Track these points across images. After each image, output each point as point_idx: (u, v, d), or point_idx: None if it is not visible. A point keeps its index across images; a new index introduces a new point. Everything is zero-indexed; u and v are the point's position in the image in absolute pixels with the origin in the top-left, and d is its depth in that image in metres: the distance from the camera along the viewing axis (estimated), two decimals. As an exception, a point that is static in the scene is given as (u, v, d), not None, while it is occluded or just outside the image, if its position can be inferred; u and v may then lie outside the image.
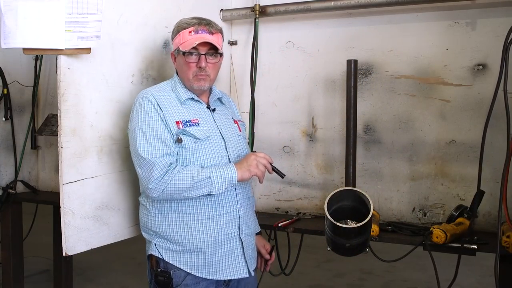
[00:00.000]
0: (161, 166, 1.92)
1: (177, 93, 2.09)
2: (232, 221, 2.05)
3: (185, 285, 2.02)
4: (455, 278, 2.26)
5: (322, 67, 2.94)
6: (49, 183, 3.62)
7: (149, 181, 1.92)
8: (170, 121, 1.99)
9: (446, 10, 2.60)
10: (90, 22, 1.95)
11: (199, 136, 2.00)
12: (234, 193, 2.06)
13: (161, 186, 1.92)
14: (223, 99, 2.26)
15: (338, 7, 2.76)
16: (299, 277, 2.57)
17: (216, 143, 2.05)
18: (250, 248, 2.15)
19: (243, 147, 2.17)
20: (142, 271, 5.24)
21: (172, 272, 2.02)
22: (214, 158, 2.02)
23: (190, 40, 2.02)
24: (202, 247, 2.00)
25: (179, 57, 2.08)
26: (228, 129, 2.15)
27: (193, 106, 2.10)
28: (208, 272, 2.03)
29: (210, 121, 2.10)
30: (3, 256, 3.67)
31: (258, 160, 2.00)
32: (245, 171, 1.97)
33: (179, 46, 2.06)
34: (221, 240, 2.03)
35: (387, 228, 2.53)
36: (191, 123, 2.01)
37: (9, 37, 1.90)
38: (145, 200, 2.10)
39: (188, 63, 2.04)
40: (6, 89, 3.36)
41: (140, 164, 1.96)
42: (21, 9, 1.90)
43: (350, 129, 2.48)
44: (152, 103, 2.00)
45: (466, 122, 2.59)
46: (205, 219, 2.01)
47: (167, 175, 1.91)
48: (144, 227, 2.14)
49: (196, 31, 2.04)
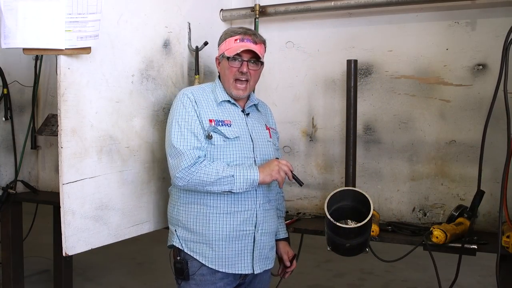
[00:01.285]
0: (190, 157, 2.04)
1: (215, 95, 2.22)
2: (249, 219, 2.14)
3: (201, 274, 2.13)
4: (456, 278, 2.26)
5: (322, 67, 2.94)
6: (49, 183, 3.63)
7: (177, 170, 2.05)
8: (204, 118, 2.13)
9: (446, 10, 2.60)
10: (89, 21, 1.95)
11: (229, 136, 2.12)
12: (254, 192, 2.15)
13: (188, 177, 2.04)
14: (259, 106, 2.37)
15: (338, 7, 2.76)
16: (299, 277, 2.57)
17: (245, 144, 2.17)
18: (264, 247, 2.21)
19: (270, 152, 2.27)
20: (142, 271, 5.27)
21: (190, 261, 2.13)
22: (240, 158, 2.13)
23: (235, 47, 2.16)
24: (217, 240, 2.11)
25: (224, 61, 2.21)
26: (259, 133, 2.26)
27: (229, 108, 2.22)
28: (220, 265, 2.12)
29: (243, 123, 2.21)
30: (3, 256, 3.67)
31: (280, 166, 2.11)
32: (266, 175, 2.08)
33: (224, 52, 2.20)
34: (235, 236, 2.12)
35: (387, 228, 2.53)
36: (223, 123, 2.14)
37: (9, 37, 1.90)
38: (173, 190, 2.24)
39: (231, 67, 2.18)
40: (6, 89, 3.36)
41: (171, 153, 2.09)
42: (21, 9, 1.90)
43: (350, 129, 2.48)
44: (190, 99, 2.15)
45: (466, 122, 2.59)
46: (224, 214, 2.11)
47: (194, 167, 2.03)
48: (170, 217, 2.26)
49: (241, 40, 2.18)
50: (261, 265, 2.20)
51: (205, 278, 2.13)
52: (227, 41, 2.20)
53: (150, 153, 2.44)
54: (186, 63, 2.71)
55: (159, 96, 2.50)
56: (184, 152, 2.05)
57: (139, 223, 2.40)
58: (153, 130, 2.45)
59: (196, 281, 2.13)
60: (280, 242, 2.39)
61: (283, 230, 2.42)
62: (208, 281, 2.13)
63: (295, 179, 2.15)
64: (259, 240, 2.17)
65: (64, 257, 2.09)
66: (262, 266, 2.21)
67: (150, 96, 2.45)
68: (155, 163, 2.47)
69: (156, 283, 4.90)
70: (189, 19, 2.70)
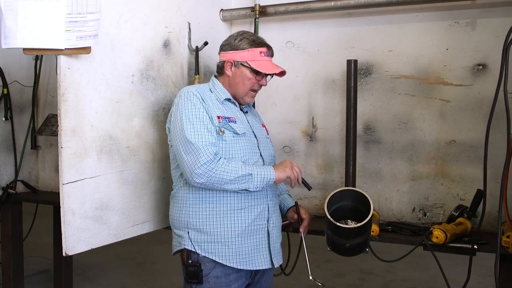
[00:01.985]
0: (208, 153, 2.01)
1: (216, 93, 2.22)
2: (262, 213, 2.16)
3: (215, 277, 2.10)
4: (468, 279, 2.27)
5: (322, 67, 2.94)
6: (49, 183, 3.63)
7: (196, 166, 1.99)
8: (213, 114, 2.12)
9: (446, 10, 2.60)
10: (89, 21, 1.95)
11: (238, 131, 2.14)
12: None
13: (208, 173, 2.00)
14: (250, 106, 2.42)
15: (338, 7, 2.76)
16: (299, 277, 2.56)
17: (251, 140, 2.20)
18: (277, 241, 2.23)
19: (270, 148, 2.34)
20: (142, 271, 5.27)
21: (202, 264, 2.10)
22: (248, 153, 2.15)
23: (265, 63, 2.19)
24: (232, 237, 2.10)
25: (244, 70, 2.19)
26: (258, 130, 2.31)
27: (230, 106, 2.24)
28: (236, 262, 2.10)
29: (244, 120, 2.25)
30: (3, 256, 3.67)
31: (293, 165, 2.15)
32: (281, 172, 2.11)
33: (248, 62, 2.18)
34: (250, 231, 2.12)
35: (387, 228, 2.53)
36: (230, 120, 2.16)
37: (9, 37, 1.90)
38: (180, 192, 2.17)
39: (254, 79, 2.20)
40: (6, 89, 3.36)
41: (187, 150, 2.02)
42: (21, 9, 1.89)
43: (350, 129, 2.48)
44: (197, 96, 2.13)
45: (466, 122, 2.59)
46: (237, 210, 2.11)
47: (213, 163, 2.00)
48: (176, 221, 2.18)
49: (266, 54, 2.21)
50: (278, 259, 2.22)
51: (219, 281, 2.09)
52: (251, 51, 2.18)
53: (150, 153, 2.44)
54: (186, 63, 2.71)
55: (159, 96, 2.50)
56: (201, 148, 2.00)
57: (139, 223, 2.40)
58: (153, 130, 2.45)
59: (210, 284, 2.09)
60: (289, 210, 2.42)
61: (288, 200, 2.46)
62: (223, 283, 2.10)
63: (304, 183, 2.19)
64: (272, 233, 2.19)
65: (64, 257, 2.09)
66: (278, 260, 2.23)
67: (150, 96, 2.45)
68: (155, 163, 2.47)
69: (156, 283, 4.90)
70: (189, 19, 2.70)
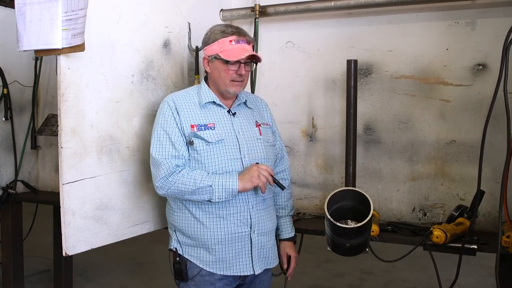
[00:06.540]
0: (167, 167, 2.06)
1: (200, 97, 2.19)
2: (243, 220, 2.14)
3: (200, 275, 2.14)
4: (456, 278, 2.26)
5: (322, 67, 2.94)
6: (49, 183, 3.63)
7: (156, 180, 2.09)
8: (185, 124, 2.11)
9: (446, 10, 2.60)
10: (80, 17, 1.94)
11: (210, 140, 2.10)
12: (244, 194, 2.13)
13: (166, 186, 2.07)
14: (249, 103, 2.30)
15: (338, 7, 2.76)
16: (299, 277, 2.56)
17: (230, 146, 2.13)
18: (263, 247, 2.20)
19: (259, 150, 2.20)
20: (142, 271, 5.27)
21: (188, 262, 2.16)
22: (226, 160, 2.11)
23: (233, 50, 2.10)
24: (213, 244, 2.11)
25: (217, 63, 2.14)
26: (247, 132, 2.21)
27: (213, 110, 2.19)
28: (218, 268, 2.13)
29: (228, 124, 2.18)
30: (3, 256, 3.67)
31: (260, 171, 2.08)
32: (247, 182, 2.06)
33: (218, 53, 2.12)
34: (231, 239, 2.12)
35: (387, 228, 2.53)
36: (206, 127, 2.12)
37: (20, 41, 2.00)
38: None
39: (229, 70, 2.13)
40: (6, 89, 3.36)
41: (152, 163, 2.12)
42: (28, 13, 1.96)
43: (350, 129, 2.48)
44: (171, 107, 2.13)
45: (466, 122, 2.59)
46: (217, 218, 2.11)
47: (172, 176, 2.06)
48: (168, 222, 2.29)
49: (237, 41, 2.13)
50: (261, 265, 2.20)
51: (204, 279, 2.13)
52: (219, 42, 2.12)
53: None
54: (186, 63, 2.71)
55: (159, 96, 2.49)
56: (161, 161, 2.06)
57: (139, 223, 2.41)
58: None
59: (195, 282, 2.14)
60: (282, 242, 2.38)
61: (286, 229, 2.39)
62: (207, 281, 2.13)
63: (276, 183, 2.14)
64: (256, 240, 2.16)
65: (64, 257, 2.10)
66: (262, 266, 2.20)
67: (150, 96, 2.45)
68: (155, 163, 2.47)
69: (156, 283, 4.90)
70: (189, 19, 2.70)
